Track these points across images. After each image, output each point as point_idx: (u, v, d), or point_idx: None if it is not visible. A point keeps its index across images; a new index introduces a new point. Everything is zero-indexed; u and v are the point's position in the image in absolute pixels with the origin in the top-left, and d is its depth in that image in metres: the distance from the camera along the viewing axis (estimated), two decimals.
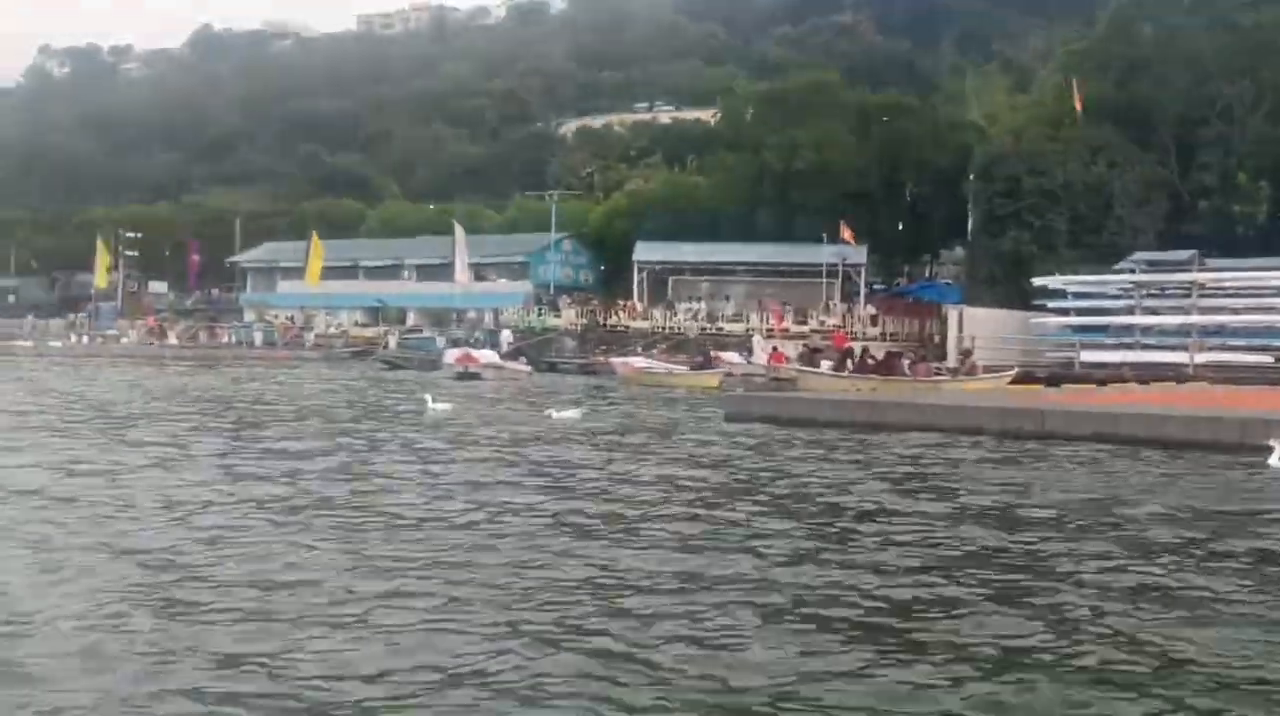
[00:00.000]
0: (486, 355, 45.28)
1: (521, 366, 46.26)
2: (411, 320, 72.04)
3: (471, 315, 68.90)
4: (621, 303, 62.44)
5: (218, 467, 14.11)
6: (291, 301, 75.73)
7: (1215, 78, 53.11)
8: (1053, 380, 40.56)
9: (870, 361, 41.39)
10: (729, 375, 39.25)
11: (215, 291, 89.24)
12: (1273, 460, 15.06)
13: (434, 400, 25.08)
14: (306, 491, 12.05)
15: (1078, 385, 36.13)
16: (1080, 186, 52.29)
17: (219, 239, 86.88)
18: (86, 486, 12.09)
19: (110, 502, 11.04)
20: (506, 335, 54.20)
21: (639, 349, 56.25)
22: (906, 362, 41.54)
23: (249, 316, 78.29)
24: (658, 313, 59.88)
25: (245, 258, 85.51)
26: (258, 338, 69.03)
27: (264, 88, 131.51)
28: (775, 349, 45.75)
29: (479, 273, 67.95)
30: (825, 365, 42.29)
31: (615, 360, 45.08)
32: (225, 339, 69.97)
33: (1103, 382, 38.37)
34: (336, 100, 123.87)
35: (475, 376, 41.57)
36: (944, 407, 20.88)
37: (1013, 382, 39.21)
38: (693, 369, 41.49)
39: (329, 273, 71.86)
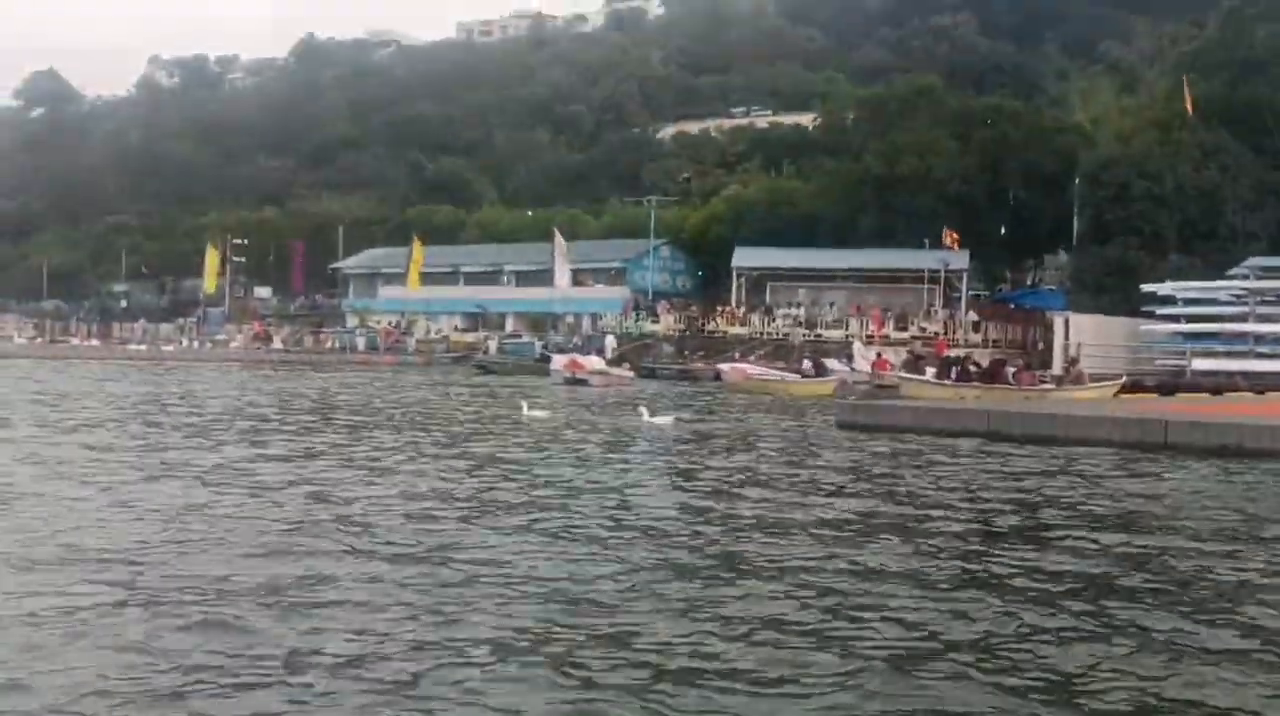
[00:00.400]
0: (593, 361, 45.58)
1: (626, 372, 46.54)
2: (510, 325, 72.67)
3: (570, 320, 69.36)
4: (720, 308, 62.36)
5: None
6: (393, 306, 76.77)
7: None
8: (1164, 389, 39.77)
9: (974, 369, 40.91)
10: (844, 382, 38.74)
11: (319, 297, 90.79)
12: None
13: (530, 407, 25.11)
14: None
15: (1191, 394, 35.22)
16: (1191, 191, 51.13)
17: (323, 245, 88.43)
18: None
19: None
20: (611, 341, 54.38)
21: (736, 355, 56.21)
22: (1011, 371, 40.93)
23: (351, 321, 79.52)
24: (756, 318, 59.70)
25: (348, 263, 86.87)
26: (360, 343, 70.14)
27: (366, 94, 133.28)
28: (880, 356, 45.33)
29: (577, 278, 68.24)
30: (928, 373, 41.94)
31: (723, 366, 44.86)
32: (329, 344, 71.18)
33: (1216, 392, 37.52)
34: (438, 106, 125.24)
35: (583, 382, 41.93)
36: (1064, 417, 20.39)
37: (1121, 392, 38.49)
38: (805, 376, 41.08)
39: (429, 278, 72.86)
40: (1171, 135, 53.37)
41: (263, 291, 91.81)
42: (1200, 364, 44.10)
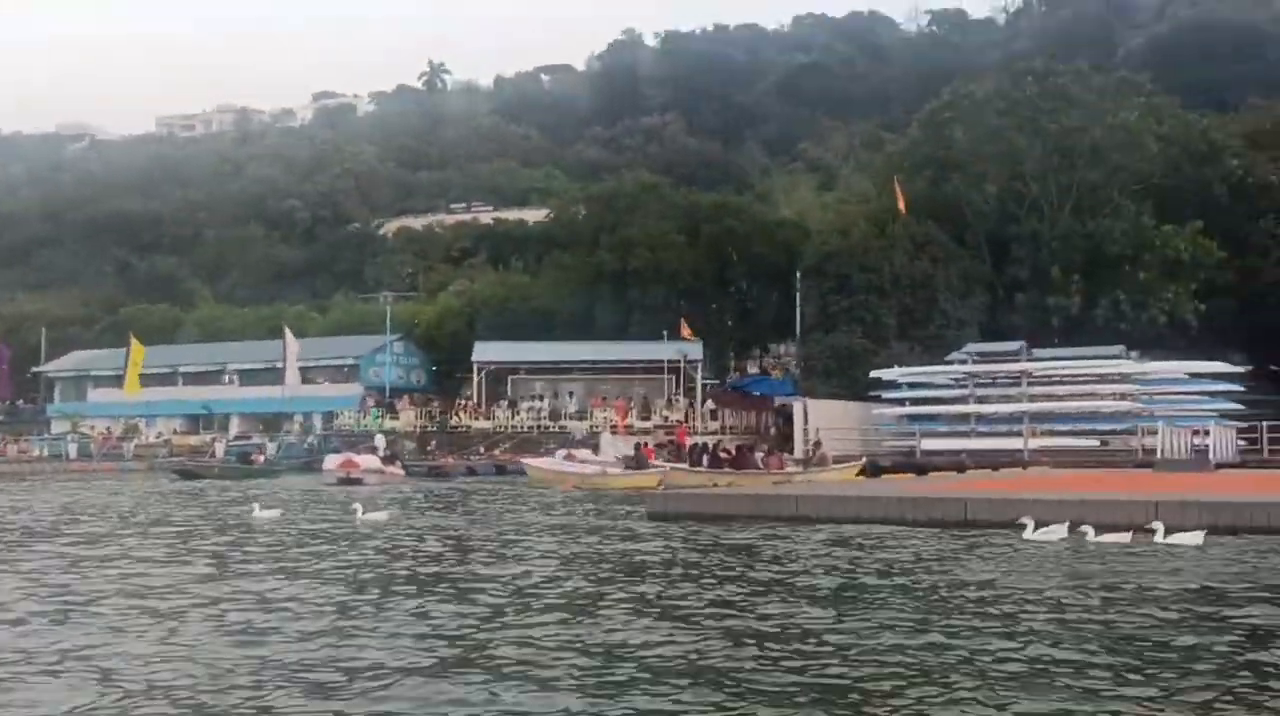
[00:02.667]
0: (368, 460, 44.33)
1: (399, 470, 45.58)
2: (235, 425, 69.90)
3: (299, 419, 67.36)
4: (463, 402, 61.97)
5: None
6: (107, 410, 72.50)
7: (1025, 177, 56.25)
8: (899, 469, 41.95)
9: (724, 455, 42.05)
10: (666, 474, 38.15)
11: (21, 402, 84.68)
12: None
13: (261, 507, 24.96)
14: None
15: (940, 473, 37.21)
16: (906, 281, 54.36)
17: (22, 347, 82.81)
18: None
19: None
20: (381, 440, 52.98)
21: (481, 449, 55.85)
22: (759, 456, 42.36)
23: (58, 427, 74.50)
24: (499, 412, 59.58)
25: (52, 367, 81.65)
26: (72, 450, 65.73)
27: (61, 190, 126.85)
28: (645, 445, 46.02)
29: (306, 376, 66.44)
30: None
31: (526, 460, 44.16)
32: (37, 453, 66.41)
33: (948, 470, 39.89)
34: (142, 203, 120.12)
35: (357, 481, 40.76)
36: (863, 499, 21.24)
37: (859, 473, 40.35)
38: (627, 467, 40.64)
39: (146, 379, 69.19)
40: (886, 229, 56.72)
41: None
42: (928, 444, 46.80)
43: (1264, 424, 43.38)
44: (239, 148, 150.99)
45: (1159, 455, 38.62)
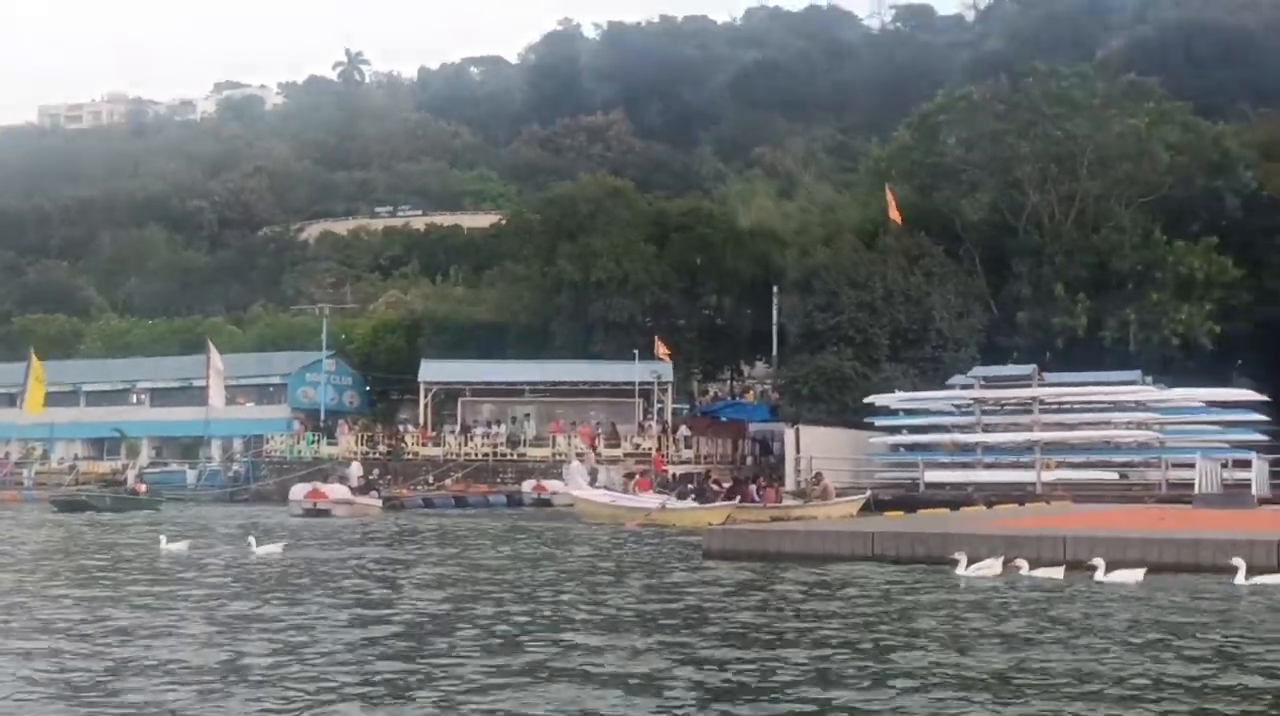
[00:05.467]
0: (337, 490, 43.04)
1: (374, 501, 44.37)
2: (147, 450, 68.01)
3: (218, 444, 65.73)
4: (409, 426, 60.80)
5: None
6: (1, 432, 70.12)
7: (1023, 185, 56.32)
8: (907, 503, 41.39)
9: (715, 487, 41.42)
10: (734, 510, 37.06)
11: None
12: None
13: (169, 540, 25.06)
14: None
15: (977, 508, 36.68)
16: (901, 298, 54.15)
17: None
18: None
19: None
20: (356, 468, 51.50)
21: (430, 478, 54.70)
22: (754, 488, 41.78)
23: None
24: (451, 437, 58.46)
25: None
26: None
27: None
28: (639, 476, 45.40)
29: (227, 396, 64.72)
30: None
31: (577, 492, 42.50)
32: None
33: (952, 505, 39.41)
34: (25, 200, 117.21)
35: (324, 513, 39.90)
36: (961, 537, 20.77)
37: (863, 508, 39.80)
38: (682, 497, 39.54)
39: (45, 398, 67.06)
40: (876, 241, 56.53)
41: None
42: (931, 476, 46.49)
43: None
44: (134, 141, 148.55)
45: (1197, 490, 38.48)
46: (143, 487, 51.33)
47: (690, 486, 42.10)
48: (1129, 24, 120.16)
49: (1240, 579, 16.95)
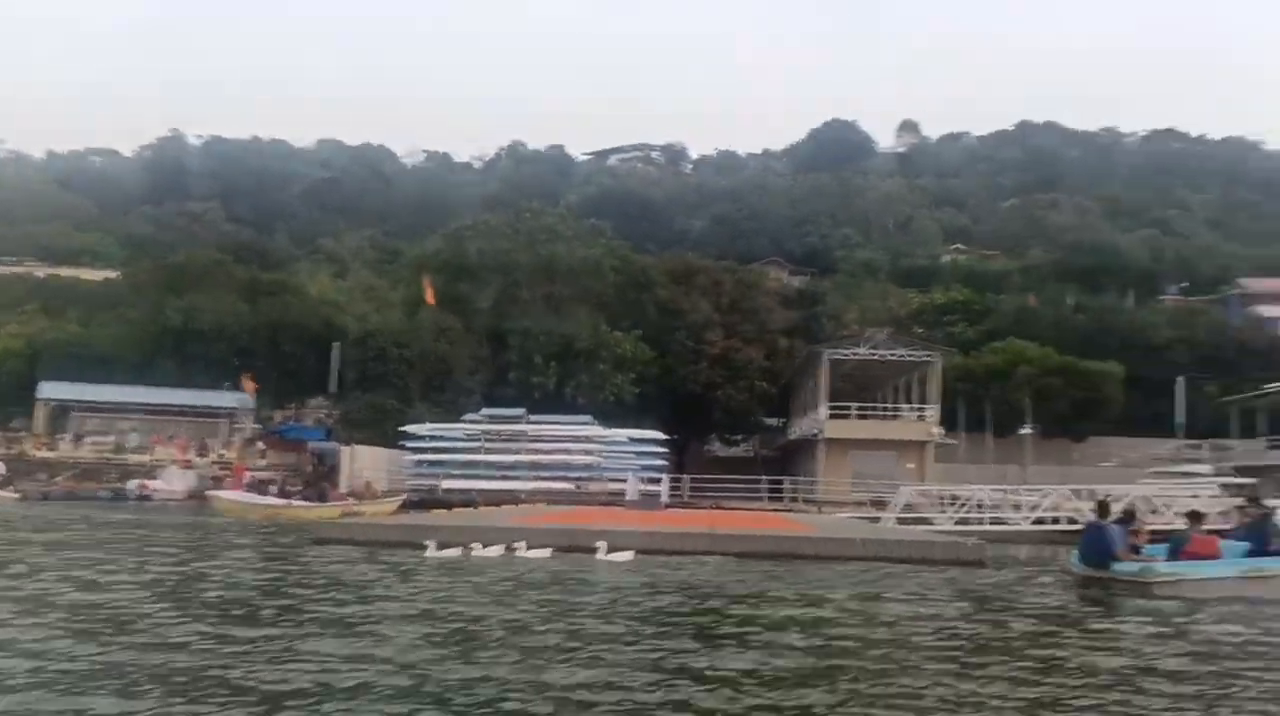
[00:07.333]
0: None
1: (11, 494, 37.29)
2: None
3: None
4: (29, 434, 52.71)
5: None
6: None
7: (520, 285, 57.54)
8: (428, 504, 40.66)
9: (292, 489, 38.93)
10: (349, 507, 33.72)
11: None
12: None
13: None
14: None
15: (469, 508, 36.37)
16: (431, 357, 53.56)
17: None
18: None
19: None
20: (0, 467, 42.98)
21: (45, 476, 47.68)
22: (327, 487, 39.78)
23: None
24: (65, 444, 51.23)
25: None
26: None
27: None
28: (230, 477, 41.41)
29: None
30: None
31: (216, 492, 37.21)
32: None
33: (465, 505, 39.22)
34: None
35: None
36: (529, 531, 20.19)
37: (401, 506, 38.85)
38: (309, 499, 35.54)
39: None
40: (416, 315, 55.67)
41: None
42: (448, 484, 46.02)
43: (687, 476, 47.01)
44: None
45: (627, 497, 40.39)
46: None
47: (294, 488, 39.20)
48: (581, 184, 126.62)
49: (600, 555, 17.86)
